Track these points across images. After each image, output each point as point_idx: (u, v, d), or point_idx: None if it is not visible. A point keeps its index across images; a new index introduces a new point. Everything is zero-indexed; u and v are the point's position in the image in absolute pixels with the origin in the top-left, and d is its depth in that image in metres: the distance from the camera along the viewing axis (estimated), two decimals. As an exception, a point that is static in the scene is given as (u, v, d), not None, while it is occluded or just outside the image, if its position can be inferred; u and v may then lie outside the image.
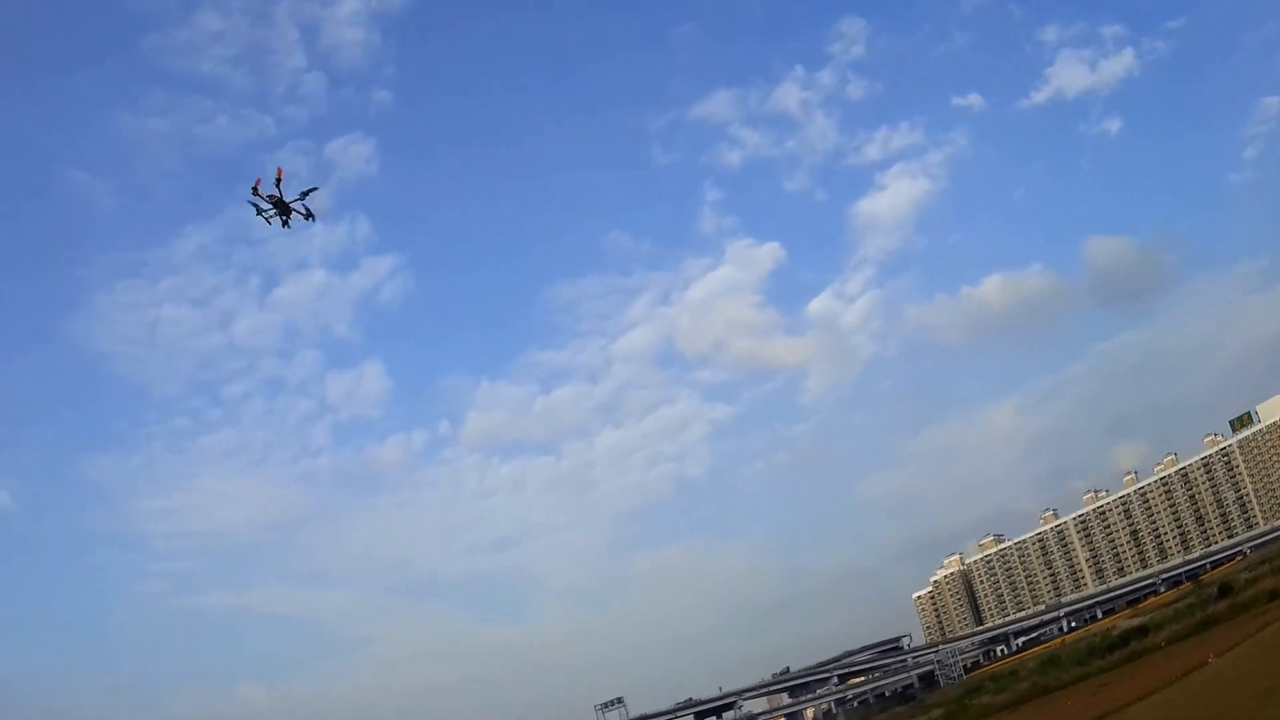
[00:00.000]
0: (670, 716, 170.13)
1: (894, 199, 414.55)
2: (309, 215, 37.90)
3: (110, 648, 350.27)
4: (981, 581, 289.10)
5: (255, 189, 36.74)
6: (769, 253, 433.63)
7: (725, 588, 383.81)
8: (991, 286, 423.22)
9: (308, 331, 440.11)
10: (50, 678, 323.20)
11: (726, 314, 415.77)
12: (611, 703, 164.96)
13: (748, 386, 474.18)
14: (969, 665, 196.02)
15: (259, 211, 37.40)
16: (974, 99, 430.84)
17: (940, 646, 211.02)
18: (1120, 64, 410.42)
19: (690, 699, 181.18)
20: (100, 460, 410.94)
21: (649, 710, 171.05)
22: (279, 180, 37.09)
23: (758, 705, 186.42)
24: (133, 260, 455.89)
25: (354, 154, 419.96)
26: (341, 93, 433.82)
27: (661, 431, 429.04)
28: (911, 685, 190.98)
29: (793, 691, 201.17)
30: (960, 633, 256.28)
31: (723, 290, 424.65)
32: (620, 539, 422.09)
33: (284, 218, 37.79)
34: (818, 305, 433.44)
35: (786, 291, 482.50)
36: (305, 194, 37.35)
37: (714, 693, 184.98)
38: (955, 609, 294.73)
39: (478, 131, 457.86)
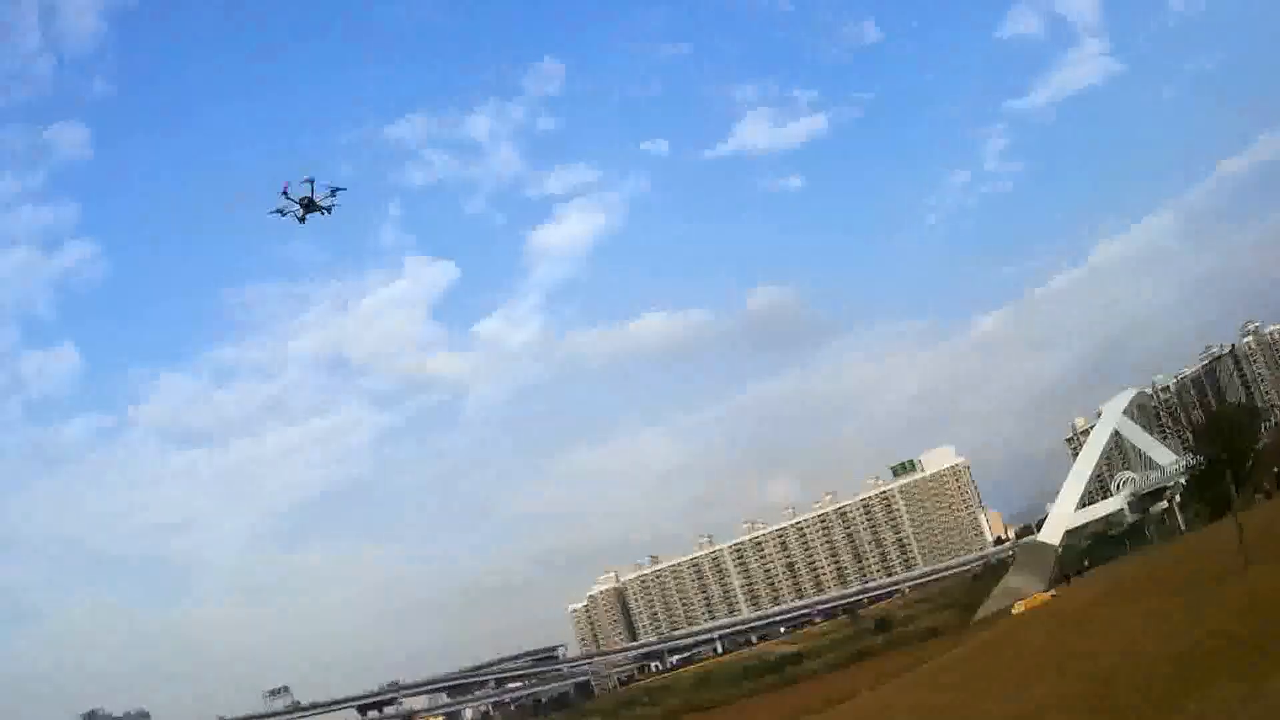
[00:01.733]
0: (335, 708, 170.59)
1: (570, 231, 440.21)
2: (328, 210, 39.30)
3: None
4: (636, 600, 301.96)
5: (285, 192, 38.37)
6: (444, 271, 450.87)
7: (381, 588, 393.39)
8: (654, 322, 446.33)
9: (8, 308, 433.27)
10: None
11: (398, 326, 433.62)
12: (278, 690, 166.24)
13: (412, 398, 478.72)
14: (624, 679, 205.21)
15: (282, 212, 39.04)
16: (661, 144, 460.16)
17: (596, 658, 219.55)
18: (809, 126, 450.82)
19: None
20: None
21: (313, 700, 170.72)
22: (312, 183, 38.97)
23: (417, 703, 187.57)
24: None
25: (70, 139, 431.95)
26: (66, 77, 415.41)
27: (328, 433, 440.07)
28: (568, 693, 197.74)
29: (451, 692, 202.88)
30: (615, 647, 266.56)
31: (396, 303, 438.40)
32: (283, 534, 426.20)
33: (305, 214, 39.68)
34: (486, 325, 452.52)
35: (458, 310, 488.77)
36: (333, 192, 39.03)
37: (371, 687, 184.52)
38: (610, 624, 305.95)
39: (183, 129, 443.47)
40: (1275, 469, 79.04)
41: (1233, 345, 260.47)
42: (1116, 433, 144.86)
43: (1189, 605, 37.68)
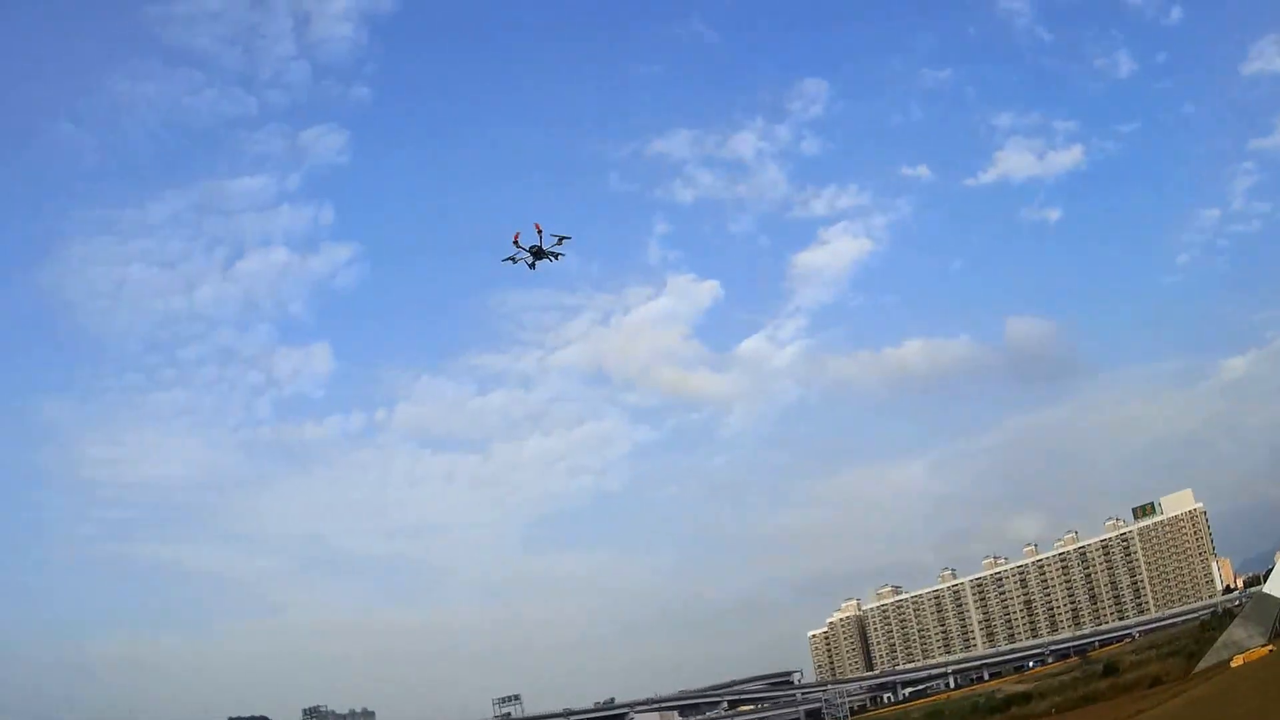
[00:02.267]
0: (564, 719, 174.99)
1: (834, 255, 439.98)
2: (557, 256, 42.15)
3: (42, 584, 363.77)
4: (875, 629, 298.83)
5: (516, 241, 41.57)
6: (708, 290, 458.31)
7: (627, 600, 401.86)
8: (914, 349, 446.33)
9: (264, 307, 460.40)
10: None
11: (661, 342, 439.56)
12: (509, 698, 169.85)
13: (673, 414, 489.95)
14: (855, 708, 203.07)
15: (513, 260, 41.86)
16: (923, 170, 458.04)
17: (830, 686, 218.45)
18: (1068, 157, 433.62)
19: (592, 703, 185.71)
20: (55, 403, 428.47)
21: (543, 710, 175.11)
22: (540, 233, 41.57)
23: (648, 719, 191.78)
24: (109, 217, 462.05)
25: (328, 143, 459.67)
26: (323, 83, 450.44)
27: (586, 445, 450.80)
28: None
29: (683, 710, 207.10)
30: (850, 675, 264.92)
31: (660, 319, 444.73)
32: (534, 540, 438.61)
33: (535, 261, 42.36)
34: (749, 346, 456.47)
35: (720, 329, 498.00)
36: (561, 240, 41.79)
37: (602, 698, 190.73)
38: (848, 652, 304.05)
39: (446, 135, 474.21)
40: None
41: None
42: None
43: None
